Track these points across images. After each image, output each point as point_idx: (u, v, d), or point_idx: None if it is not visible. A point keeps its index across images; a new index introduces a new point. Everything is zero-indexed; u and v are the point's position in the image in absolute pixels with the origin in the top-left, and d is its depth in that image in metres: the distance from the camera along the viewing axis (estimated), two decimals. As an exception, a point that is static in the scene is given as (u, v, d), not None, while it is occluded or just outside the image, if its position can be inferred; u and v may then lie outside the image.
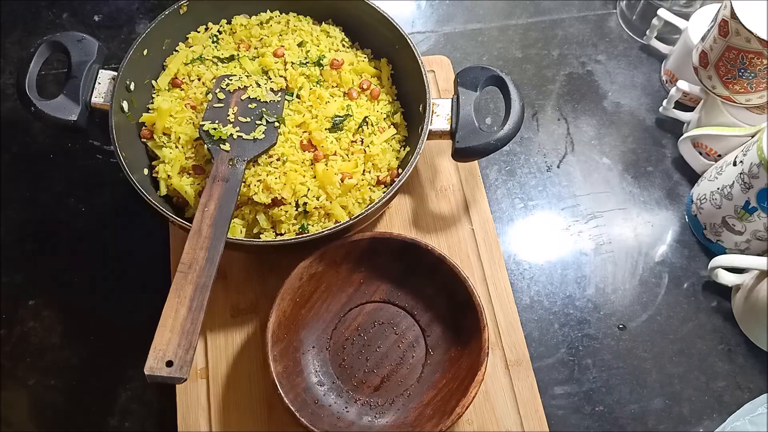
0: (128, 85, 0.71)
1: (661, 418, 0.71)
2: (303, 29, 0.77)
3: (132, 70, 0.71)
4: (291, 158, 0.68)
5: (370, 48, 0.78)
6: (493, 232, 0.77)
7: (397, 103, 0.76)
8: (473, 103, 0.69)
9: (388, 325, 0.70)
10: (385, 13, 0.73)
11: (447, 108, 0.70)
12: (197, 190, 0.69)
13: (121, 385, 0.71)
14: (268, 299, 0.66)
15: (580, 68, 0.93)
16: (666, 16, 0.87)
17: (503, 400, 0.68)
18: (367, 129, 0.71)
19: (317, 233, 0.63)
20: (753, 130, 0.74)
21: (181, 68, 0.75)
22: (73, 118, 0.69)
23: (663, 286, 0.78)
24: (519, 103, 0.68)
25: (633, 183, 0.84)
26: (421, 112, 0.70)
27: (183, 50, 0.76)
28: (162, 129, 0.70)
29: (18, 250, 0.78)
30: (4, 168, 0.83)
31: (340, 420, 0.64)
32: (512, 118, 0.67)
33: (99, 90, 0.71)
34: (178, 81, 0.74)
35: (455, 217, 0.78)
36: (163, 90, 0.74)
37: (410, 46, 0.71)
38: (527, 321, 0.75)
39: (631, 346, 0.74)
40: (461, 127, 0.68)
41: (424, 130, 0.68)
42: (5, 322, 0.73)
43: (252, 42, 0.77)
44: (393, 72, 0.76)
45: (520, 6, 0.98)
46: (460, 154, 0.68)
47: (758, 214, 0.71)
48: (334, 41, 0.77)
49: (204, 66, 0.74)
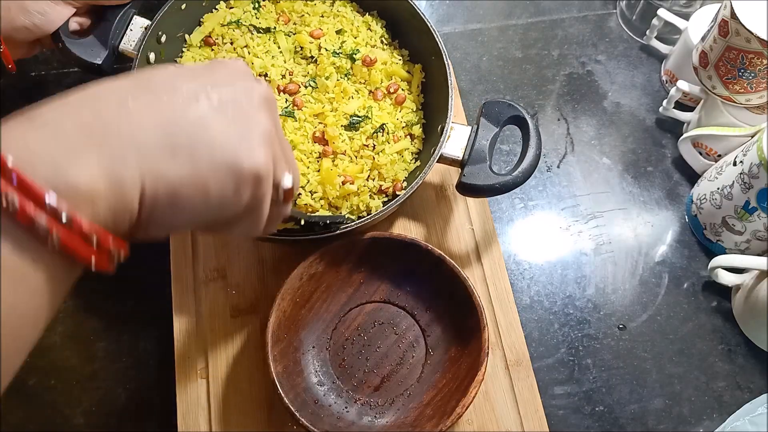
0: (159, 37, 0.70)
1: (661, 418, 0.71)
2: (345, 16, 0.75)
3: (166, 22, 0.70)
4: (300, 147, 0.67)
5: (408, 50, 0.76)
6: (493, 232, 0.77)
7: (420, 113, 0.74)
8: (490, 139, 0.67)
9: (388, 325, 0.70)
10: (429, 22, 0.71)
11: (464, 136, 0.67)
12: None
13: (121, 385, 0.71)
14: (268, 299, 0.66)
15: (580, 68, 0.93)
16: (666, 16, 0.87)
17: (503, 400, 0.68)
18: (382, 137, 0.69)
19: (314, 234, 0.63)
20: (753, 130, 0.74)
21: (217, 28, 0.73)
22: (98, 61, 0.69)
23: (663, 286, 0.78)
24: (535, 151, 0.65)
25: (633, 183, 0.84)
26: (439, 132, 0.68)
27: (222, 10, 0.74)
28: None
29: (18, 250, 0.77)
30: (4, 168, 0.82)
31: (340, 420, 0.64)
32: (524, 164, 0.64)
33: (129, 37, 0.70)
34: (211, 40, 0.73)
35: (455, 217, 0.78)
36: (195, 46, 0.73)
37: (444, 61, 0.69)
38: (527, 321, 0.75)
39: (631, 346, 0.74)
40: (472, 160, 0.66)
41: (436, 152, 0.66)
42: (5, 321, 0.73)
43: (292, 17, 0.75)
44: (424, 80, 0.75)
45: (520, 6, 0.98)
46: (464, 188, 0.66)
47: (758, 214, 0.71)
48: (373, 36, 0.75)
49: (239, 31, 0.73)
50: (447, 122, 0.67)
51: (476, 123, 0.68)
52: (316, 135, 0.68)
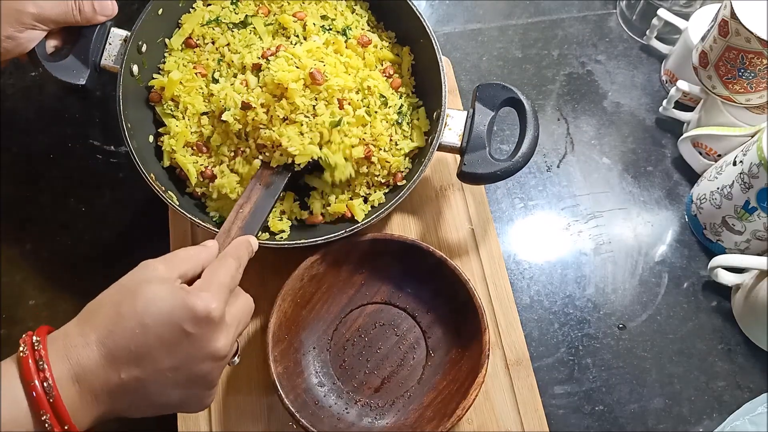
0: (140, 47, 0.69)
1: (661, 418, 0.71)
2: (328, 1, 0.73)
3: (146, 30, 0.69)
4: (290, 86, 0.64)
5: (395, 32, 0.75)
6: (493, 232, 0.77)
7: (414, 97, 0.73)
8: (488, 123, 0.66)
9: (388, 326, 0.70)
10: (415, 5, 0.69)
11: (461, 122, 0.67)
12: (199, 170, 0.68)
13: (121, 386, 0.71)
14: (269, 300, 0.66)
15: (580, 68, 0.93)
16: (666, 16, 0.87)
17: (503, 400, 0.68)
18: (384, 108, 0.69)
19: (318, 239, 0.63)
20: (753, 130, 0.75)
21: (197, 28, 0.72)
22: (82, 81, 0.68)
23: (663, 286, 0.78)
24: (533, 133, 0.64)
25: (633, 183, 0.84)
26: (435, 119, 0.68)
27: (200, 9, 0.73)
28: (170, 96, 0.69)
29: (18, 250, 0.78)
30: (4, 168, 0.82)
31: (341, 421, 0.64)
32: (524, 148, 0.64)
33: (109, 51, 0.69)
34: (192, 42, 0.72)
35: (455, 217, 0.77)
36: (176, 50, 0.72)
37: (433, 43, 0.68)
38: (527, 321, 0.75)
39: (631, 345, 0.74)
40: (471, 147, 0.65)
41: (435, 141, 0.66)
42: (5, 322, 0.73)
43: (272, 8, 0.74)
44: (413, 63, 0.73)
45: (520, 6, 0.98)
46: (465, 177, 0.66)
47: (758, 214, 0.71)
48: (359, 19, 0.74)
49: (220, 29, 0.72)
50: (443, 107, 0.66)
51: (471, 107, 0.67)
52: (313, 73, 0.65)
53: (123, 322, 0.45)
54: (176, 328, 0.46)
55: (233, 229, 0.59)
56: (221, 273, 0.51)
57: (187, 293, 0.47)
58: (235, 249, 0.55)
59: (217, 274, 0.50)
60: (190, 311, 0.46)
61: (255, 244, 0.58)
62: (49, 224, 0.79)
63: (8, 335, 0.73)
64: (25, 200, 0.81)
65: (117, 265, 0.77)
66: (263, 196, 0.62)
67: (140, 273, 0.49)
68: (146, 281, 0.47)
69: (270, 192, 0.62)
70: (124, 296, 0.47)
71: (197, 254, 0.52)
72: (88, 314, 0.47)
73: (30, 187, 0.82)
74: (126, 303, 0.46)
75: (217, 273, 0.50)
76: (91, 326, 0.46)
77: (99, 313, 0.46)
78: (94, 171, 0.83)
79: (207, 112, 0.69)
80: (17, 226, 0.79)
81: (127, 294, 0.47)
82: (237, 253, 0.54)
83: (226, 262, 0.52)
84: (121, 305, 0.46)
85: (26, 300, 0.75)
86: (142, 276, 0.48)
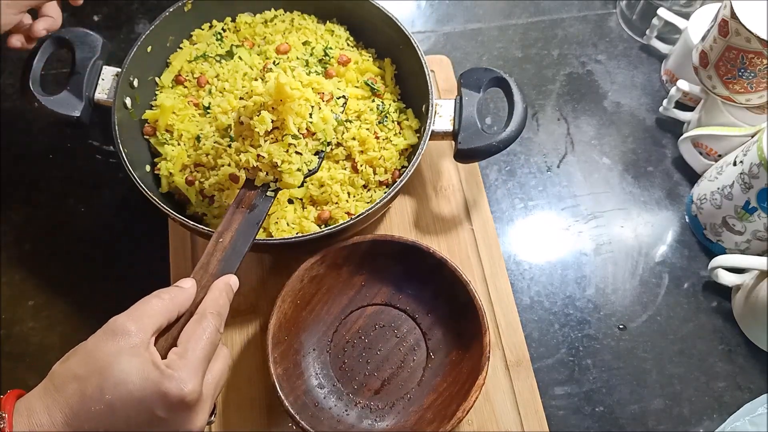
0: (131, 82, 0.71)
1: (661, 419, 0.71)
2: (308, 28, 0.77)
3: (136, 67, 0.71)
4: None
5: (374, 47, 0.78)
6: (493, 233, 0.77)
7: (400, 103, 0.75)
8: (476, 104, 0.69)
9: (389, 328, 0.70)
10: (390, 13, 0.73)
11: (450, 109, 0.70)
12: (198, 189, 0.69)
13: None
14: (269, 301, 0.66)
15: (580, 68, 0.93)
16: (666, 16, 0.87)
17: (503, 401, 0.68)
18: (389, 124, 0.72)
19: (317, 233, 0.63)
20: (753, 130, 0.74)
21: (185, 65, 0.75)
22: (77, 114, 0.70)
23: (663, 287, 0.78)
24: (522, 105, 0.67)
25: (633, 183, 0.84)
26: (424, 112, 0.70)
27: (187, 47, 0.76)
28: (164, 126, 0.71)
29: (18, 250, 0.78)
30: (4, 168, 0.82)
31: (340, 423, 0.64)
32: (515, 119, 0.67)
33: (102, 86, 0.71)
34: (181, 78, 0.74)
35: (455, 218, 0.78)
36: (167, 87, 0.74)
37: (414, 46, 0.71)
38: (527, 321, 0.75)
39: (631, 346, 0.74)
40: (464, 128, 0.68)
41: (426, 130, 0.68)
42: (5, 322, 0.73)
43: (256, 40, 0.77)
44: (397, 72, 0.77)
45: (520, 6, 0.98)
46: (462, 155, 0.68)
47: (758, 214, 0.71)
48: (339, 40, 0.77)
49: (207, 64, 0.75)
50: (431, 99, 0.69)
51: (458, 93, 0.70)
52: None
53: (90, 403, 0.42)
54: (147, 413, 0.43)
55: (212, 262, 0.53)
56: (200, 345, 0.47)
57: (161, 374, 0.44)
58: (214, 302, 0.50)
59: (194, 345, 0.47)
60: (162, 396, 0.43)
61: (235, 285, 0.53)
62: (49, 224, 0.79)
63: (8, 335, 0.73)
64: (25, 200, 0.81)
65: (117, 265, 0.78)
66: (245, 222, 0.56)
67: (110, 342, 0.44)
68: (116, 353, 0.44)
69: (253, 217, 0.57)
70: (91, 373, 0.43)
71: (172, 300, 0.49)
72: (54, 387, 0.44)
73: (30, 187, 0.82)
74: (92, 381, 0.43)
75: (195, 344, 0.47)
76: (57, 404, 0.43)
77: (65, 388, 0.43)
78: (94, 171, 0.83)
79: (200, 135, 0.70)
80: (17, 226, 0.79)
81: (95, 371, 0.43)
82: (216, 307, 0.50)
83: (205, 325, 0.48)
84: (88, 383, 0.43)
85: (26, 300, 0.75)
86: (112, 347, 0.44)
